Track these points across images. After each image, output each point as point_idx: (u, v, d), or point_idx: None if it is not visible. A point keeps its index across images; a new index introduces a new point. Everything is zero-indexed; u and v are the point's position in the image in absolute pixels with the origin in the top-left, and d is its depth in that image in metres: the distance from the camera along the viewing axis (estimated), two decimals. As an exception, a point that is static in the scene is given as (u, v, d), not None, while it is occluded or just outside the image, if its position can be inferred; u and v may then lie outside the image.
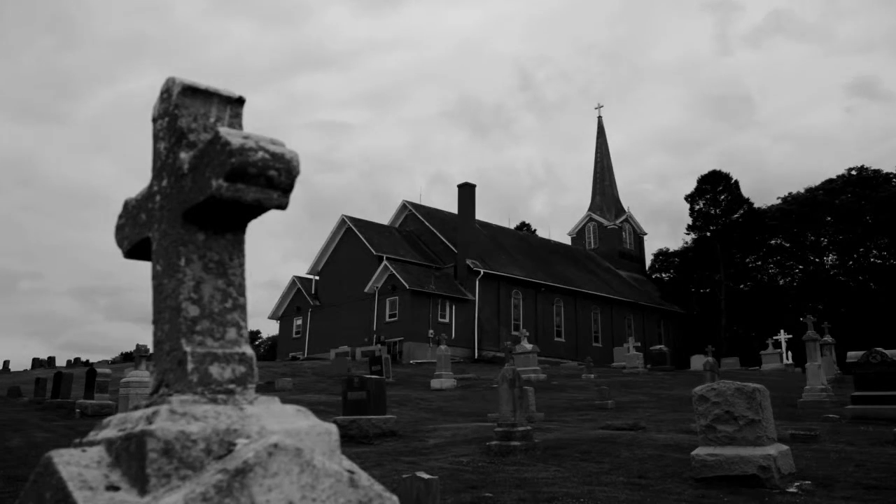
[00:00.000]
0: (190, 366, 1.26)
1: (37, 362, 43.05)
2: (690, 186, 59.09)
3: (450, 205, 47.74)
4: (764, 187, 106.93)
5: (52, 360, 43.43)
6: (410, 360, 36.40)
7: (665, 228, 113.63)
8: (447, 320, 40.69)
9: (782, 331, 32.92)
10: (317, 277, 46.28)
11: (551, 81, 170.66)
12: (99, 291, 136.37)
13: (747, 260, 54.76)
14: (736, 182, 56.71)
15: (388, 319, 40.29)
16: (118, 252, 1.50)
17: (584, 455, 8.48)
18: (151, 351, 1.39)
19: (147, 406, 1.27)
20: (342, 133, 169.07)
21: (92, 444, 1.26)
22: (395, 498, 1.25)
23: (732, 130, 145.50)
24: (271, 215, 1.28)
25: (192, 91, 1.33)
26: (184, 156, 1.29)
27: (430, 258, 44.14)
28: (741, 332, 51.16)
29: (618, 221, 59.80)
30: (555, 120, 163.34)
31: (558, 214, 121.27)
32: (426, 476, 4.75)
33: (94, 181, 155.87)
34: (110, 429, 1.29)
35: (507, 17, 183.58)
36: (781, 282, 55.00)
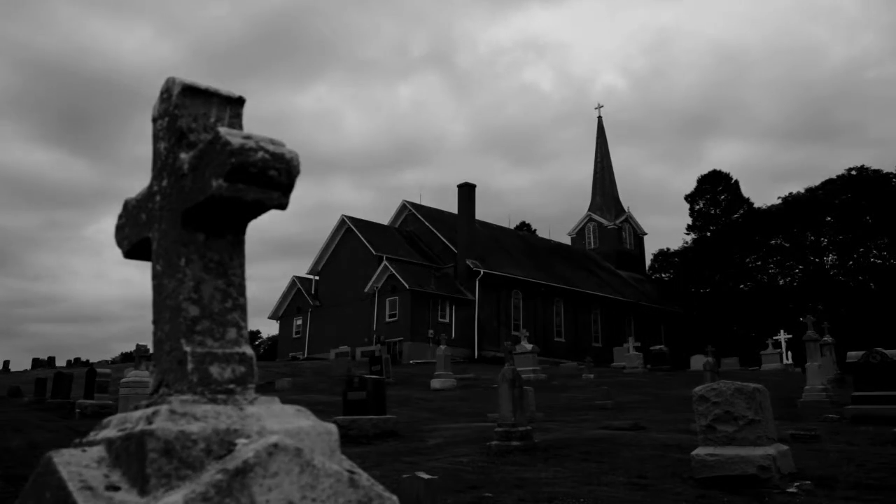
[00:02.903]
0: (190, 366, 1.26)
1: (37, 362, 43.08)
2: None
3: (450, 205, 47.81)
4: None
5: (52, 360, 43.46)
6: (410, 360, 36.41)
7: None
8: (447, 320, 40.68)
9: (782, 331, 32.91)
10: (317, 277, 46.28)
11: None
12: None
13: (747, 260, 54.75)
14: (736, 182, 56.80)
15: (388, 319, 40.29)
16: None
17: (584, 455, 8.48)
18: (151, 351, 1.39)
19: (147, 406, 1.27)
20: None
21: (92, 444, 1.26)
22: (394, 498, 1.25)
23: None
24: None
25: (192, 91, 1.33)
26: (184, 156, 1.29)
27: (430, 258, 44.14)
28: (741, 332, 51.14)
29: (618, 221, 59.77)
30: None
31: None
32: (426, 476, 4.75)
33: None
34: (110, 429, 1.29)
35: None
36: (781, 282, 54.98)
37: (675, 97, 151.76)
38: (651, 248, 63.90)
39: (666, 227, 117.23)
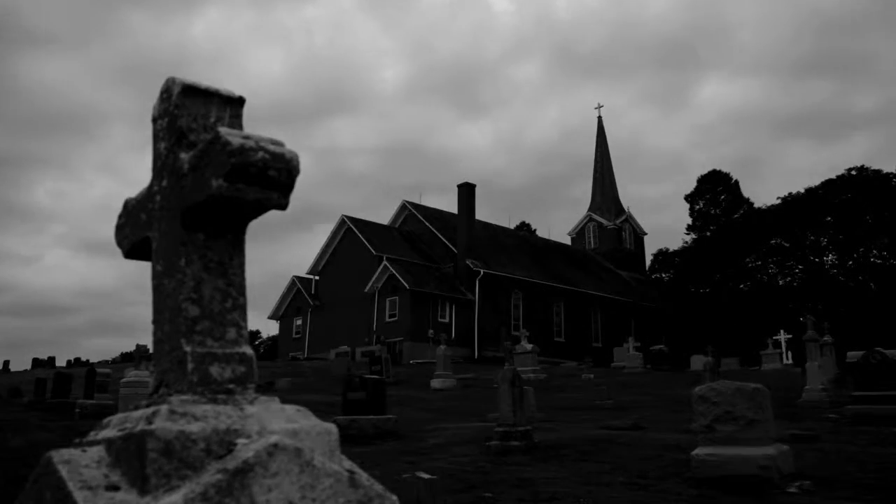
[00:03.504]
0: (190, 365, 1.26)
1: (37, 362, 43.08)
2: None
3: (450, 205, 47.83)
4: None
5: (52, 360, 43.46)
6: (410, 360, 36.40)
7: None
8: (447, 320, 40.67)
9: (782, 331, 32.91)
10: (317, 277, 46.29)
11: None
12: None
13: (747, 260, 54.74)
14: (736, 182, 56.92)
15: (388, 319, 40.29)
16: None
17: (583, 455, 8.48)
18: (151, 351, 1.39)
19: (147, 406, 1.27)
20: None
21: (92, 444, 1.26)
22: (394, 498, 1.25)
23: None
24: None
25: (192, 91, 1.33)
26: (184, 156, 1.29)
27: (430, 258, 44.13)
28: (741, 332, 51.11)
29: (618, 221, 59.79)
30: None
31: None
32: (426, 476, 4.75)
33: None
34: (110, 429, 1.29)
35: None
36: (781, 282, 54.96)
37: (651, 14, 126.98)
38: (650, 244, 63.94)
39: (652, 196, 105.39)
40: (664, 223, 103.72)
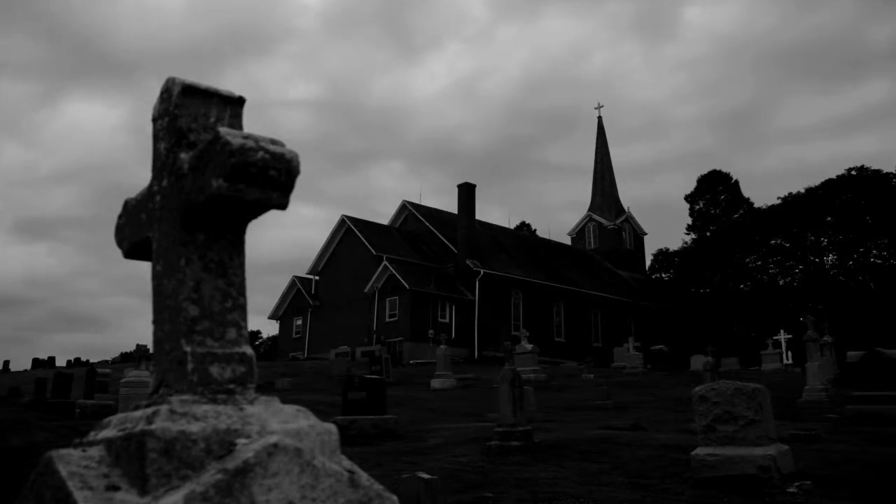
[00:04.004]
0: (190, 366, 1.26)
1: (37, 362, 43.08)
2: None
3: (450, 205, 47.84)
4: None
5: (52, 360, 43.46)
6: (410, 360, 36.40)
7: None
8: (447, 320, 40.68)
9: (782, 331, 32.93)
10: (317, 277, 46.31)
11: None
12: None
13: (747, 260, 54.73)
14: (736, 182, 56.95)
15: (388, 319, 40.30)
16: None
17: (583, 455, 8.47)
18: (151, 351, 1.39)
19: (147, 406, 1.27)
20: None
21: (92, 444, 1.26)
22: (394, 498, 1.25)
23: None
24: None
25: (192, 91, 1.33)
26: (184, 156, 1.29)
27: (430, 258, 44.13)
28: (741, 332, 51.10)
29: (618, 221, 59.81)
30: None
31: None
32: (426, 476, 4.76)
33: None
34: (110, 429, 1.29)
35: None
36: (781, 282, 54.92)
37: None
38: (649, 242, 63.94)
39: (638, 160, 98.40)
40: (650, 195, 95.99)
